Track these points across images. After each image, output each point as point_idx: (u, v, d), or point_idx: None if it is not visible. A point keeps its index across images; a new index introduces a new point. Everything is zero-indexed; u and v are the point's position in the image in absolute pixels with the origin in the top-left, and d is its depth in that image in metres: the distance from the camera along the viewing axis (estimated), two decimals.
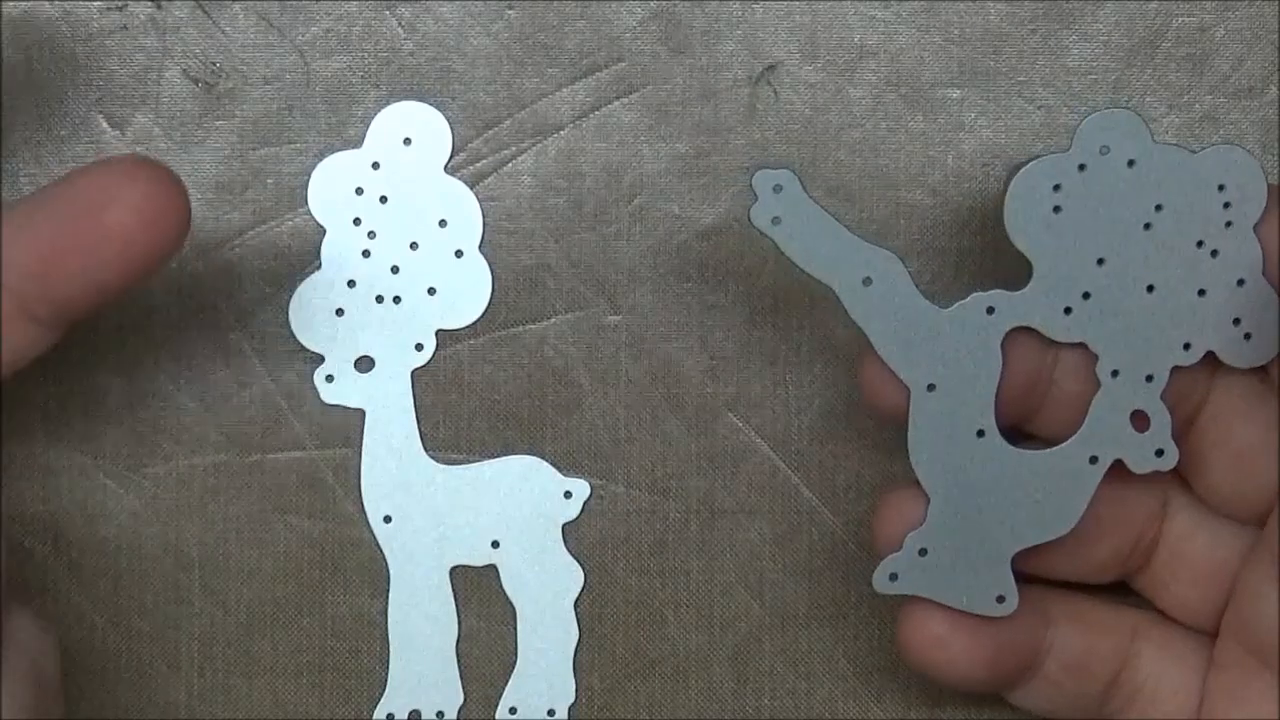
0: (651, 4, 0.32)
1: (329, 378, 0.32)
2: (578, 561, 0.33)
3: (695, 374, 0.33)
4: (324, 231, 0.32)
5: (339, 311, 0.32)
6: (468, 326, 0.32)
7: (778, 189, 0.28)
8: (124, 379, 0.32)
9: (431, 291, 0.32)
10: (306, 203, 0.32)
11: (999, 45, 0.32)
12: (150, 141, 0.32)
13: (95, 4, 0.32)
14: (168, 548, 0.32)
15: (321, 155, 0.32)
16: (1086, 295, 0.28)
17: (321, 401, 0.32)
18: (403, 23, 0.32)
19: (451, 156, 0.32)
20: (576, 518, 0.33)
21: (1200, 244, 0.28)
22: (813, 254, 0.28)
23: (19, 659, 0.26)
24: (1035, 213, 0.28)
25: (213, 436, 0.32)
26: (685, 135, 0.32)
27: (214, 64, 0.32)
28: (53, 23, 0.32)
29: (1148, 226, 0.28)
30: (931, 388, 0.29)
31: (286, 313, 0.32)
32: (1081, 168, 0.28)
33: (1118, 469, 0.29)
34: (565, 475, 0.33)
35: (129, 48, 0.32)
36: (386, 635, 0.32)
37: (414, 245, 0.32)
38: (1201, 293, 0.28)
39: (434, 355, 0.32)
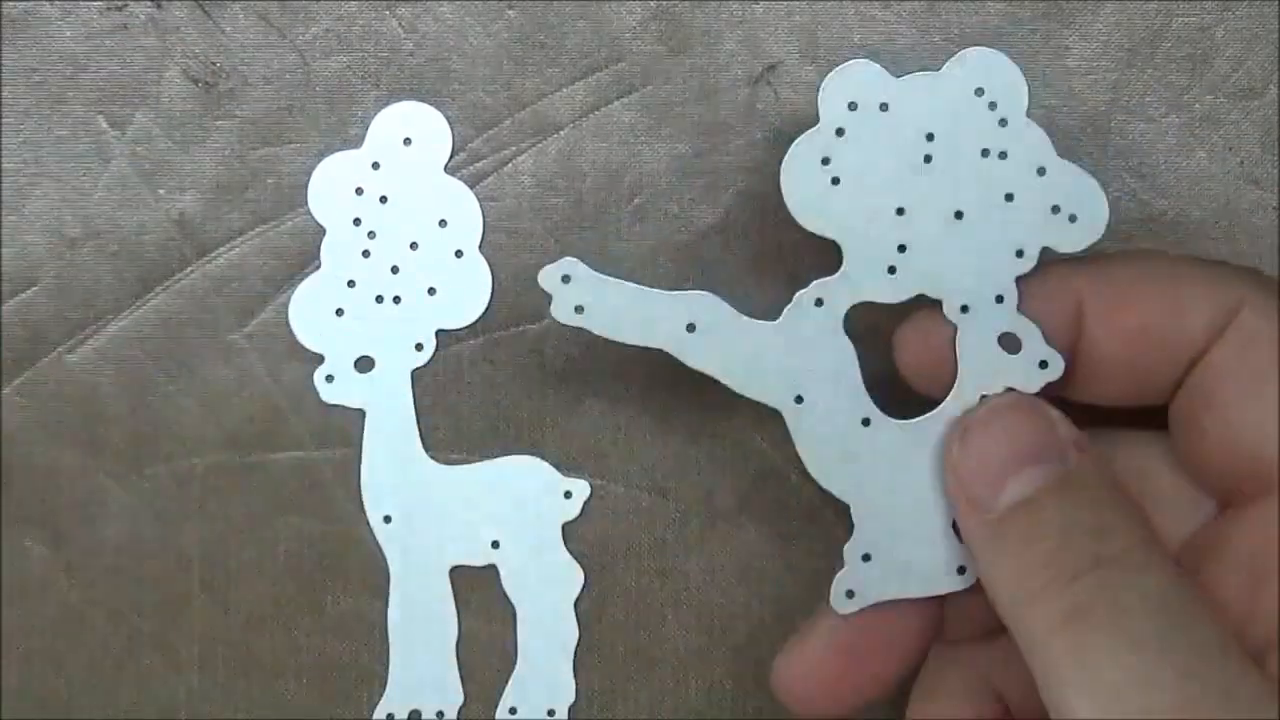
0: (651, 4, 0.32)
1: (329, 378, 0.32)
2: (578, 561, 0.33)
3: (695, 374, 0.33)
4: (324, 231, 0.32)
5: (339, 311, 0.32)
6: (468, 326, 0.32)
7: (566, 279, 0.28)
8: (124, 379, 0.32)
9: (431, 291, 0.32)
10: (306, 203, 0.32)
11: (999, 45, 0.32)
12: (150, 141, 0.32)
13: (95, 4, 0.32)
14: (168, 548, 0.32)
15: (321, 155, 0.32)
16: (902, 248, 0.28)
17: (321, 401, 0.32)
18: (403, 23, 0.32)
19: (451, 156, 0.32)
20: (576, 518, 0.33)
21: (985, 152, 0.28)
22: (627, 325, 0.28)
23: None
24: (814, 192, 0.28)
25: (213, 436, 0.32)
26: (685, 135, 0.32)
27: (214, 64, 0.32)
28: (53, 23, 0.32)
29: (928, 159, 0.28)
30: (799, 399, 0.28)
31: (286, 313, 0.32)
32: (839, 132, 0.28)
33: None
34: (565, 475, 0.33)
35: (129, 48, 0.32)
36: (386, 635, 0.33)
37: (414, 245, 0.32)
38: (1009, 197, 0.28)
39: (434, 355, 0.32)
